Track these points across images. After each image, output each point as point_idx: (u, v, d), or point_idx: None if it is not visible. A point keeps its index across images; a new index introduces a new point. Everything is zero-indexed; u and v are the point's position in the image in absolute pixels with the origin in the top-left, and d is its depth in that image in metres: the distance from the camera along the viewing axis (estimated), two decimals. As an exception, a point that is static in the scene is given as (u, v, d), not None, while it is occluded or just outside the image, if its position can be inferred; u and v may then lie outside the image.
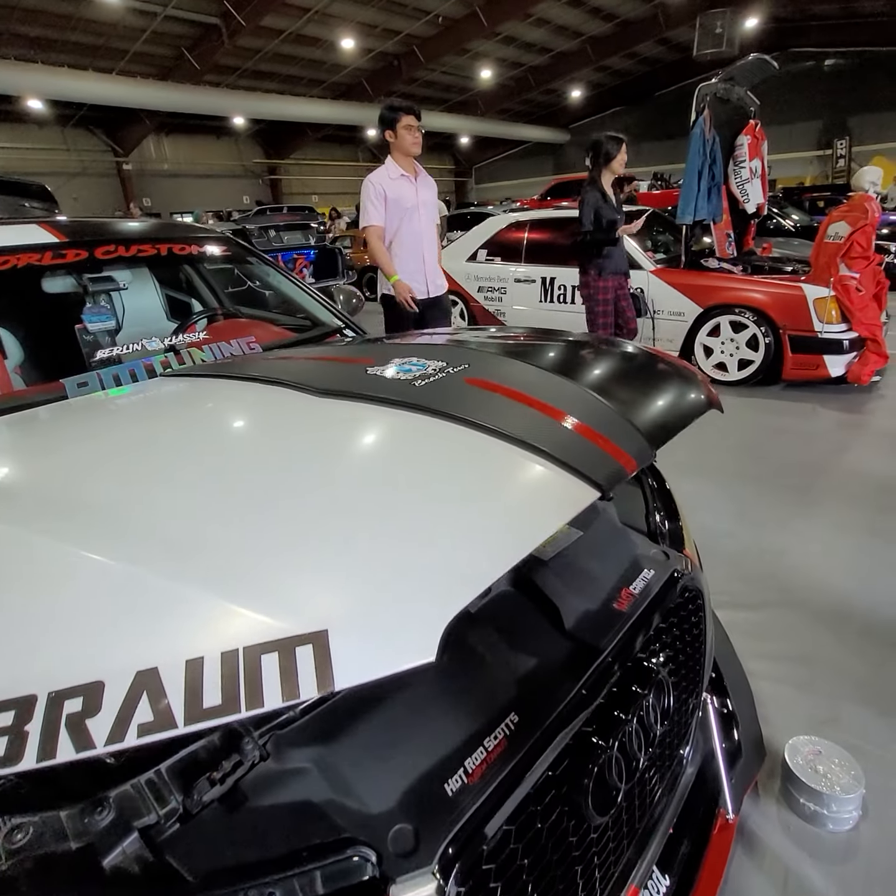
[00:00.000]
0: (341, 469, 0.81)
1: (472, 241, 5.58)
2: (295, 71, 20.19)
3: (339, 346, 1.66)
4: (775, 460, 3.12)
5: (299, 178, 28.13)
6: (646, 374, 1.13)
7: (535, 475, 0.72)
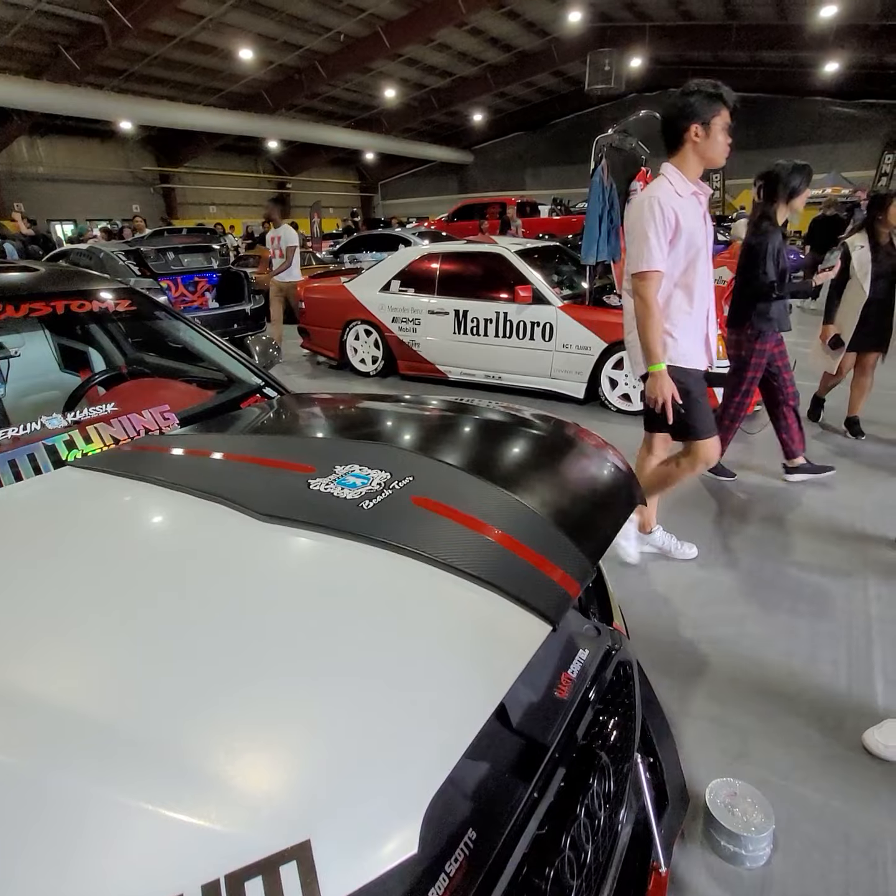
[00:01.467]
0: (298, 625, 0.75)
1: (385, 272, 5.59)
2: (189, 78, 19.38)
3: (272, 437, 1.51)
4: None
5: (195, 187, 26.90)
6: (585, 476, 1.18)
7: (494, 615, 0.74)
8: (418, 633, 0.72)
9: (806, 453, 3.43)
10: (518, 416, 1.49)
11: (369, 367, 5.85)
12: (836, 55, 17.16)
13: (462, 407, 1.57)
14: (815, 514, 3.07)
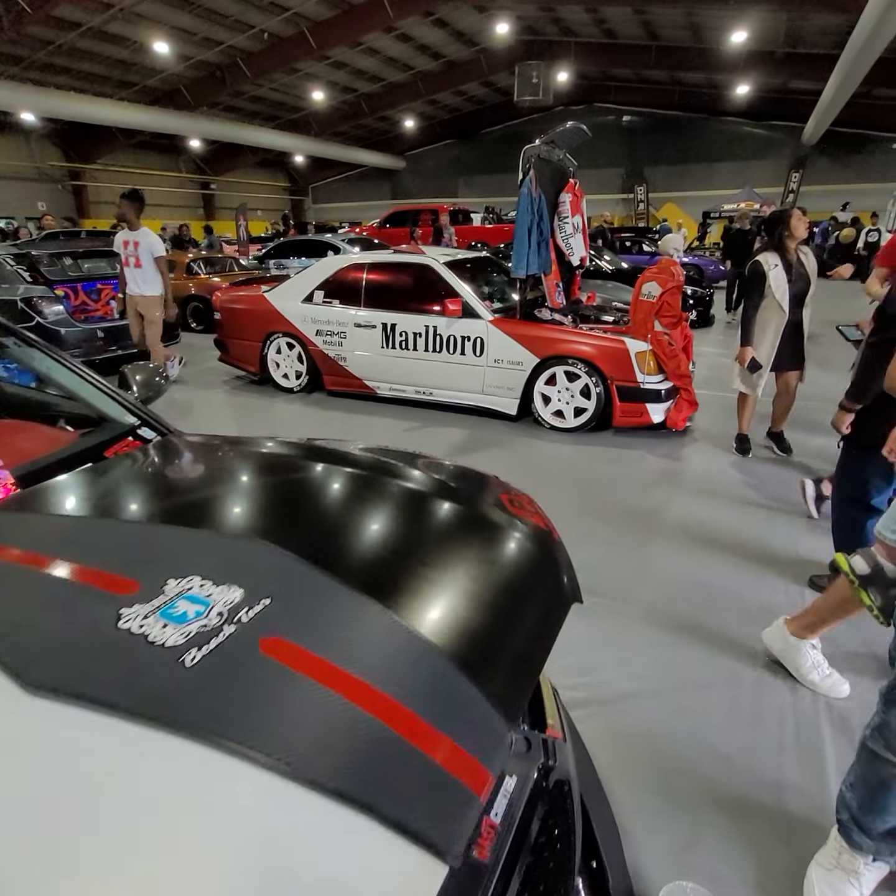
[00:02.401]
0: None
1: (307, 281, 5.25)
2: (99, 69, 18.17)
3: (101, 525, 1.10)
4: (608, 507, 3.25)
5: (110, 185, 25.25)
6: (512, 580, 0.93)
7: (355, 860, 0.48)
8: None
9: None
10: (428, 481, 1.23)
11: (293, 383, 5.48)
12: (746, 78, 18.17)
13: (362, 464, 1.30)
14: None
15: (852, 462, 2.32)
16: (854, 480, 2.30)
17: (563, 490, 3.50)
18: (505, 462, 3.94)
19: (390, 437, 4.45)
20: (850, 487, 2.34)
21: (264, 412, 5.05)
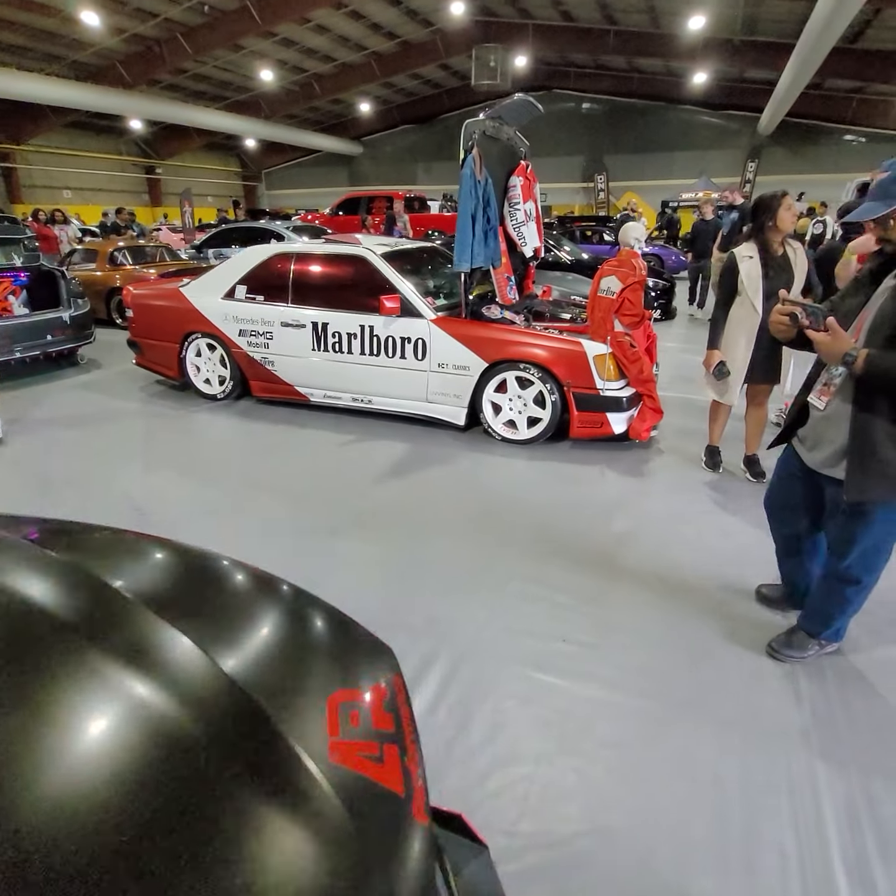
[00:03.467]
0: None
1: (228, 275, 4.63)
2: (22, 41, 16.76)
3: None
4: (563, 543, 2.81)
5: (44, 168, 23.64)
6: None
7: None
8: None
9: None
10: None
11: (216, 389, 4.86)
12: (704, 66, 17.98)
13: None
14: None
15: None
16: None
17: (513, 519, 3.04)
18: (448, 483, 3.45)
19: (324, 451, 3.91)
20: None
21: (180, 425, 4.43)
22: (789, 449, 2.04)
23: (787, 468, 2.02)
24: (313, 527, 2.97)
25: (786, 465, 2.04)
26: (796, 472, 1.97)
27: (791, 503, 2.05)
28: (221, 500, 3.24)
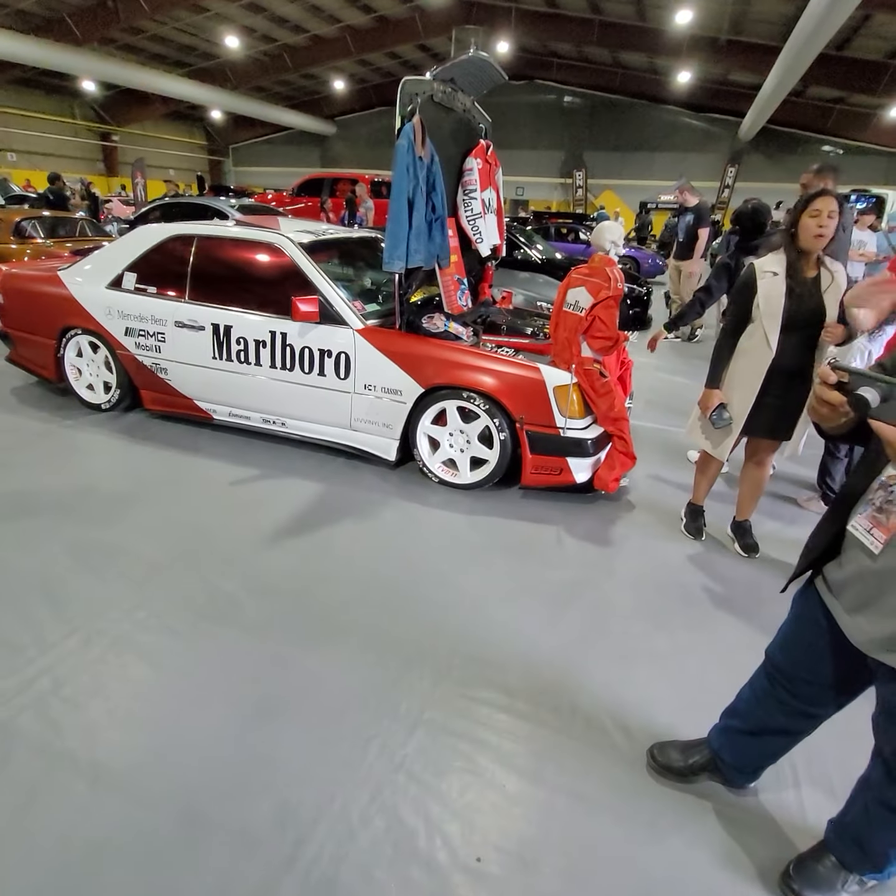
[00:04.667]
0: None
1: (115, 259, 3.73)
2: (-46, -19, 15.15)
3: None
4: (497, 662, 2.08)
5: (-16, 126, 21.82)
6: None
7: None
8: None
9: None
10: None
11: (101, 398, 3.97)
12: (688, 64, 17.43)
13: None
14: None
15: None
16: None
17: (434, 613, 2.29)
18: (362, 548, 2.68)
19: (213, 492, 3.09)
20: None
21: (42, 444, 3.52)
22: (813, 592, 1.32)
23: (809, 619, 1.31)
24: (159, 615, 2.17)
25: (806, 612, 1.33)
26: (822, 628, 1.27)
27: (811, 672, 1.33)
28: (32, 569, 2.41)
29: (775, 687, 1.40)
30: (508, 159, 21.64)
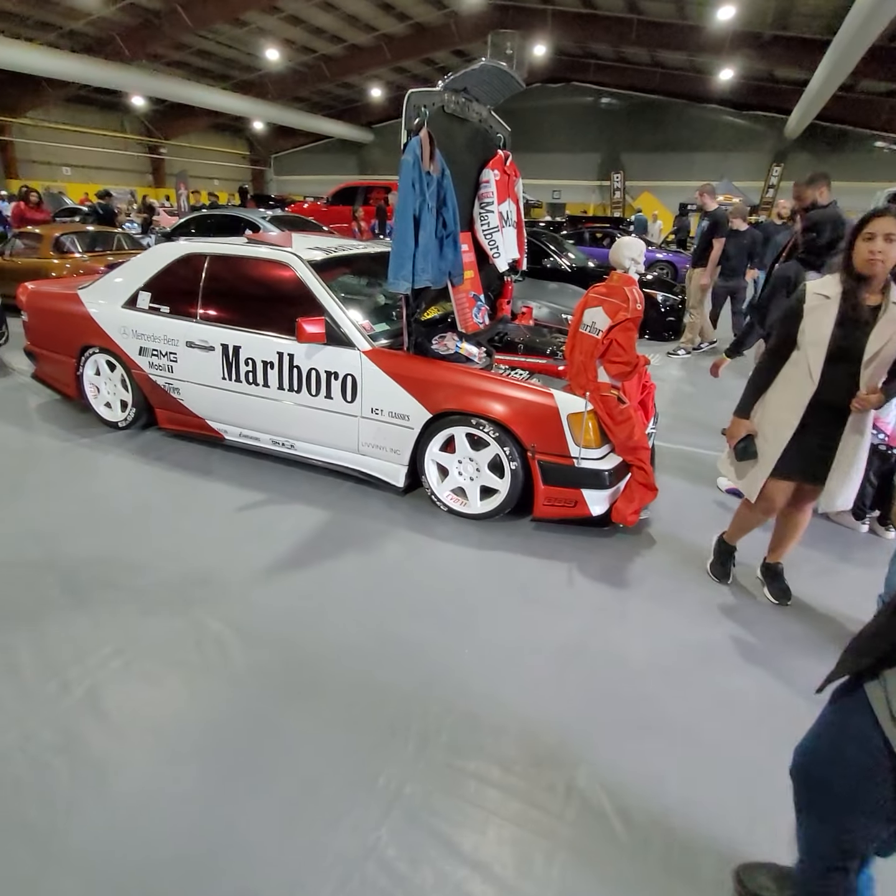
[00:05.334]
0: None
1: (131, 278, 3.74)
2: (11, 6, 15.87)
3: None
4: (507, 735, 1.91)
5: (42, 143, 22.86)
6: None
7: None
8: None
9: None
10: None
11: (118, 416, 3.99)
12: (731, 62, 16.85)
13: None
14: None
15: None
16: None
17: (426, 671, 2.14)
18: (361, 586, 2.56)
19: (217, 516, 3.03)
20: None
21: (55, 464, 3.54)
22: (862, 698, 1.06)
23: (856, 734, 1.06)
24: (141, 660, 2.10)
25: (852, 723, 1.08)
26: (878, 751, 1.01)
27: (855, 799, 1.06)
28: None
29: (806, 813, 1.18)
30: (544, 162, 21.50)
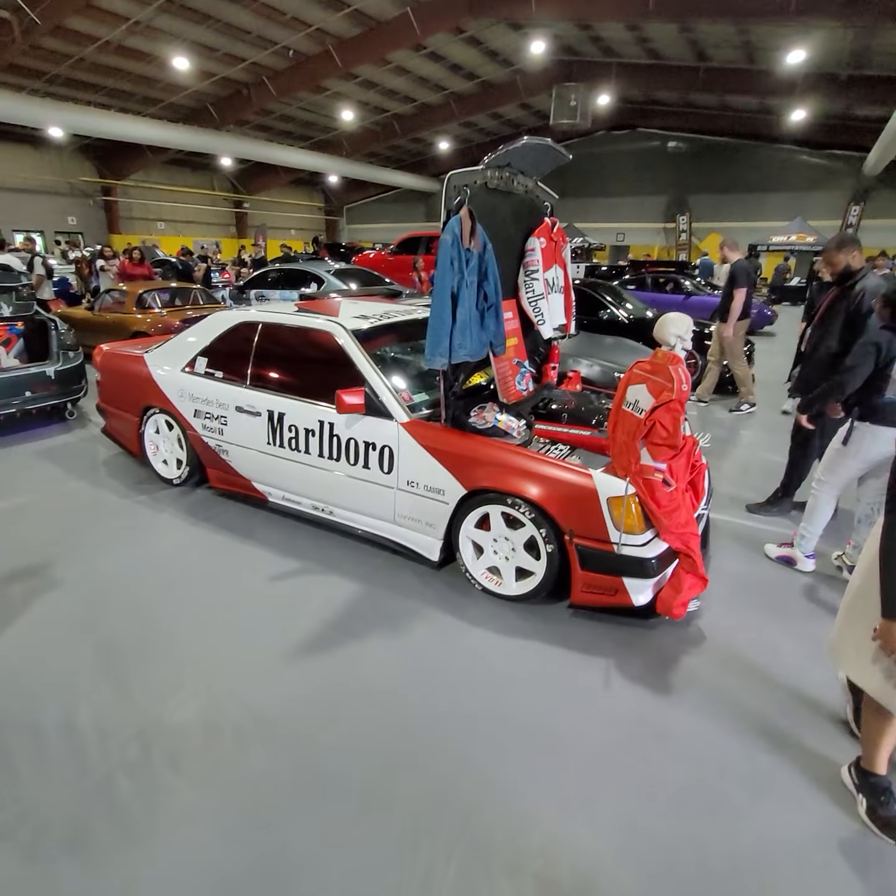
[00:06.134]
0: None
1: (191, 343, 3.95)
2: (124, 85, 17.84)
3: None
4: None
5: (141, 202, 25.22)
6: None
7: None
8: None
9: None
10: None
11: (173, 473, 4.16)
12: (803, 103, 16.45)
13: None
14: None
15: None
16: None
17: (442, 781, 2.01)
18: (385, 673, 2.47)
19: (247, 584, 3.05)
20: None
21: (110, 522, 3.68)
22: None
23: None
24: (152, 751, 2.08)
25: None
26: None
27: None
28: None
29: None
30: (609, 206, 21.57)
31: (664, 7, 12.46)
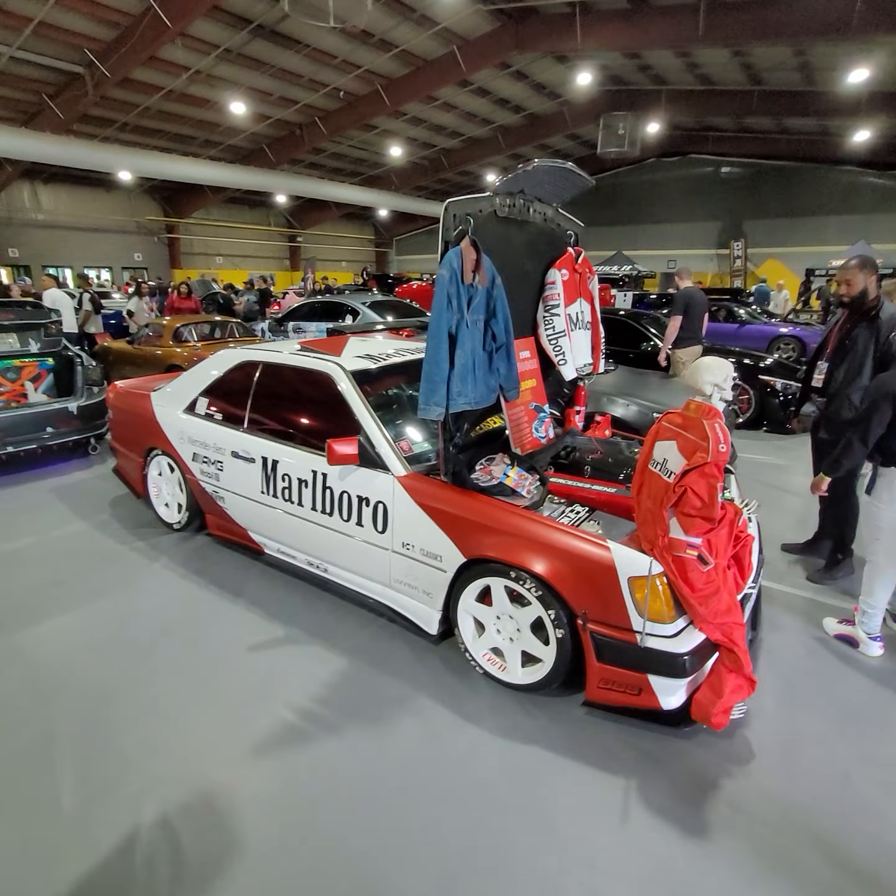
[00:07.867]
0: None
1: (193, 382, 3.77)
2: (186, 130, 18.86)
3: None
4: None
5: (202, 238, 26.50)
6: None
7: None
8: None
9: None
10: None
11: (174, 517, 3.96)
12: (867, 123, 15.59)
13: None
14: None
15: None
16: None
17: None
18: (346, 787, 2.09)
19: (232, 653, 2.75)
20: None
21: (103, 573, 3.49)
22: None
23: None
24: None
25: None
26: None
27: None
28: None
29: None
30: (659, 233, 20.95)
31: (715, 32, 12.08)
